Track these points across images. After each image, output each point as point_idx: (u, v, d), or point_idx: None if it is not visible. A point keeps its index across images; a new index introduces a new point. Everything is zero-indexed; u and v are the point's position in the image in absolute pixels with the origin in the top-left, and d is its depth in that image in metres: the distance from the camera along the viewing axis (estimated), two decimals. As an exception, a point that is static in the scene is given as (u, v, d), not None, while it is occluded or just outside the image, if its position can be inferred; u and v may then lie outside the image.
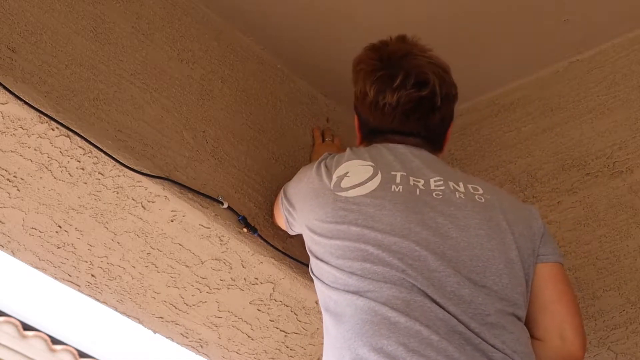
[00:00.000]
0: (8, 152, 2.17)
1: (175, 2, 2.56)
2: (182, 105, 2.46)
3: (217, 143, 2.50)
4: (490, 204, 2.05)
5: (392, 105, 2.14)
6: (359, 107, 2.24)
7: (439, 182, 2.07)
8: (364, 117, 2.23)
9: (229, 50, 2.65)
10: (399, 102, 2.14)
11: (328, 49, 2.76)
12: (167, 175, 2.32)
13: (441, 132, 2.22)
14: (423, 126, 2.17)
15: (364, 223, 1.98)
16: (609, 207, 2.53)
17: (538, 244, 2.04)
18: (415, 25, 2.64)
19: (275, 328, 2.64)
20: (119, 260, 2.43)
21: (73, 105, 2.21)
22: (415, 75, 2.14)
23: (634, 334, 2.39)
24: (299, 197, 2.20)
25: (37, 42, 2.20)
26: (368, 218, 1.98)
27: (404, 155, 2.13)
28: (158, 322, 2.61)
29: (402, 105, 2.14)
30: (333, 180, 2.09)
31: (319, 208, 2.07)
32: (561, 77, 2.75)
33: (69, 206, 2.29)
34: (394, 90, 2.13)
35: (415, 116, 2.16)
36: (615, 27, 2.65)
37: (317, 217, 2.07)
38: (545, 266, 2.03)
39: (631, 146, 2.56)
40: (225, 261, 2.45)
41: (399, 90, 2.13)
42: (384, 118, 2.17)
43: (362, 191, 2.05)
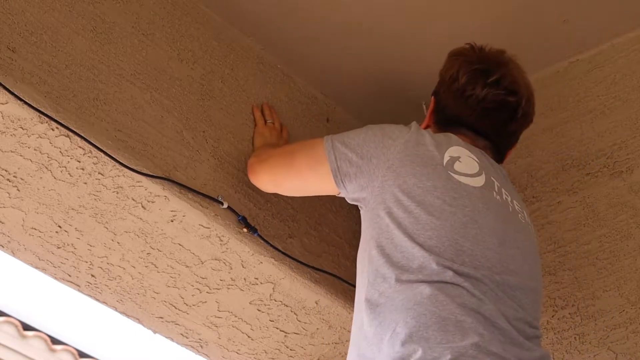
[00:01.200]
0: (8, 152, 2.17)
1: (175, 2, 2.56)
2: (182, 105, 2.46)
3: (217, 143, 2.50)
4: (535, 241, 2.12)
5: (479, 98, 2.16)
6: (442, 91, 2.24)
7: (519, 207, 2.11)
8: (443, 102, 2.23)
9: (229, 50, 2.65)
10: (485, 98, 2.16)
11: (328, 49, 2.76)
12: (167, 175, 2.32)
13: (508, 144, 2.25)
14: (496, 131, 2.20)
15: (471, 214, 1.96)
16: (609, 207, 2.53)
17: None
18: (415, 26, 2.64)
19: (275, 328, 2.63)
20: (119, 260, 2.43)
21: (73, 105, 2.21)
22: (510, 82, 2.18)
23: (634, 334, 2.39)
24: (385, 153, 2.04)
25: (37, 42, 2.20)
26: (476, 211, 1.97)
27: (494, 165, 2.15)
28: (158, 322, 2.61)
29: (487, 102, 2.16)
30: (445, 157, 2.04)
31: (426, 177, 1.98)
32: (561, 77, 2.75)
33: (69, 206, 2.29)
34: (485, 85, 2.16)
35: (494, 117, 2.18)
36: (615, 27, 2.65)
37: (422, 185, 1.97)
38: None
39: (631, 146, 2.56)
40: (225, 261, 2.45)
41: (490, 87, 2.16)
42: (465, 109, 2.18)
43: (473, 182, 2.02)
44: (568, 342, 2.46)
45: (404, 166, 2.01)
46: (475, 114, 2.18)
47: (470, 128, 2.19)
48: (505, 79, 2.18)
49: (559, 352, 2.46)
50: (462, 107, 2.18)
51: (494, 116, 2.18)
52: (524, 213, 2.12)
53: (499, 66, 2.20)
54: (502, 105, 2.17)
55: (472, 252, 1.91)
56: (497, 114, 2.18)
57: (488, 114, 2.17)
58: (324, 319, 2.61)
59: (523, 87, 2.22)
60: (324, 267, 2.56)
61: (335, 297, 2.56)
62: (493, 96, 2.16)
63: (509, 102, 2.17)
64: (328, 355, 2.73)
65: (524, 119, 2.23)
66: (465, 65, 2.20)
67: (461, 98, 2.18)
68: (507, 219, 2.03)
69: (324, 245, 2.61)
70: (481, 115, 2.17)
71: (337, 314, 2.59)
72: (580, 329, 2.45)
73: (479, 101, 2.16)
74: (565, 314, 2.49)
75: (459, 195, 1.97)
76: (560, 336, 2.47)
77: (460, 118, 2.19)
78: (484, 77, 2.17)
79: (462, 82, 2.18)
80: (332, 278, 2.57)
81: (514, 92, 2.18)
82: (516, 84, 2.20)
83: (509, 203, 2.07)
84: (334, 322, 2.62)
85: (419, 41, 2.69)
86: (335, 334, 2.65)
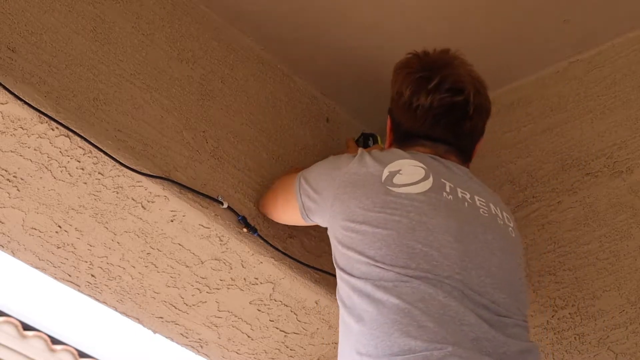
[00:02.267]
0: (8, 152, 2.17)
1: (175, 2, 2.56)
2: (182, 105, 2.46)
3: (217, 143, 2.50)
4: (517, 238, 2.10)
5: (425, 107, 2.14)
6: (393, 108, 2.24)
7: (482, 201, 2.08)
8: (397, 119, 2.23)
9: (229, 50, 2.65)
10: (431, 105, 2.14)
11: (328, 49, 2.76)
12: (167, 175, 2.32)
13: (470, 143, 2.23)
14: (453, 133, 2.17)
15: (417, 218, 1.95)
16: (609, 207, 2.53)
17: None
18: (415, 26, 2.64)
19: (275, 328, 2.63)
20: (118, 260, 2.43)
21: (73, 105, 2.21)
22: (452, 82, 2.16)
23: (634, 334, 2.39)
24: (332, 184, 2.11)
25: (37, 42, 2.20)
26: (422, 214, 1.96)
27: (450, 167, 2.13)
28: (158, 322, 2.61)
29: (435, 109, 2.14)
30: (385, 173, 2.04)
31: (365, 197, 2.01)
32: (561, 77, 2.75)
33: (69, 206, 2.29)
34: (428, 93, 2.14)
35: (446, 121, 2.16)
36: (615, 27, 2.65)
37: (362, 206, 2.00)
38: None
39: (631, 146, 2.56)
40: (225, 261, 2.45)
41: (433, 94, 2.14)
42: (416, 120, 2.17)
43: (415, 189, 2.01)
44: (568, 342, 2.46)
45: (346, 192, 2.06)
46: (427, 124, 2.16)
47: (426, 138, 2.18)
48: (447, 80, 2.15)
49: (559, 352, 2.46)
50: (413, 120, 2.17)
51: (446, 120, 2.16)
52: (489, 207, 2.08)
53: (440, 69, 2.17)
54: (450, 107, 2.15)
55: (425, 253, 1.91)
56: (448, 117, 2.16)
57: (439, 120, 2.16)
58: (324, 319, 2.61)
59: (468, 82, 2.18)
60: (324, 267, 2.56)
61: (335, 297, 2.56)
62: (439, 101, 2.14)
63: (456, 102, 2.15)
64: (328, 355, 2.73)
65: (478, 113, 2.19)
66: (408, 77, 2.19)
67: (410, 111, 2.17)
68: (462, 215, 2.00)
69: (324, 245, 2.61)
70: (433, 123, 2.16)
71: (337, 314, 2.59)
72: (580, 329, 2.45)
73: (427, 110, 2.15)
74: (565, 314, 2.49)
75: (400, 204, 1.98)
76: (560, 336, 2.47)
77: (414, 131, 2.18)
78: (425, 84, 2.15)
79: (407, 95, 2.17)
80: (332, 278, 2.56)
81: (459, 90, 2.15)
82: (460, 81, 2.17)
83: (465, 200, 2.04)
84: (334, 322, 2.62)
85: (418, 41, 2.68)
86: (335, 334, 2.65)
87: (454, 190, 2.05)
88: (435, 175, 2.06)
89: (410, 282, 1.87)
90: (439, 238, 1.93)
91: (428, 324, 1.81)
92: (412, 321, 1.82)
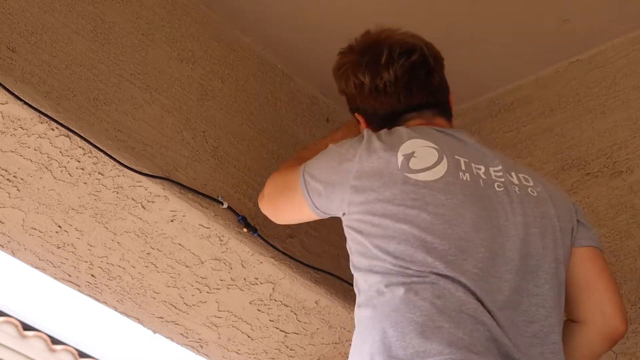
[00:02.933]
0: (8, 152, 2.17)
1: (175, 2, 2.56)
2: (182, 105, 2.46)
3: (217, 143, 2.50)
4: (542, 197, 2.00)
5: (392, 82, 2.10)
6: (359, 102, 2.18)
7: (499, 172, 2.01)
8: (370, 109, 2.16)
9: (229, 50, 2.65)
10: (396, 77, 2.10)
11: (328, 49, 2.75)
12: (167, 175, 2.32)
13: (445, 97, 2.18)
14: (428, 93, 2.13)
15: (435, 210, 1.90)
16: (609, 207, 2.53)
17: (575, 232, 2.02)
18: (416, 26, 2.63)
19: (275, 328, 2.63)
20: (118, 260, 2.43)
21: (73, 105, 2.21)
22: (399, 46, 2.12)
23: (634, 334, 2.39)
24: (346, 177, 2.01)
25: (37, 42, 2.20)
26: (440, 205, 1.90)
27: (457, 137, 2.07)
28: (158, 322, 2.61)
29: (401, 79, 2.10)
30: (399, 159, 1.97)
31: (384, 187, 1.94)
32: (561, 77, 2.75)
33: (69, 206, 2.29)
34: (386, 67, 2.10)
35: (417, 85, 2.11)
36: (615, 27, 2.65)
37: (381, 198, 1.93)
38: (584, 249, 2.02)
39: (631, 146, 2.56)
40: (225, 261, 2.45)
41: (391, 65, 2.10)
42: (390, 99, 2.12)
43: (432, 176, 1.95)
44: (568, 342, 2.46)
45: (363, 184, 1.98)
46: (402, 96, 2.11)
47: (410, 110, 2.12)
48: (395, 46, 2.12)
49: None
50: (388, 100, 2.12)
51: (416, 82, 2.11)
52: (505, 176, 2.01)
53: (379, 44, 2.14)
54: (412, 68, 2.11)
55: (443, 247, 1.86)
56: (416, 79, 2.11)
57: (410, 85, 2.11)
58: (324, 319, 2.61)
59: (413, 38, 2.15)
60: (324, 267, 2.56)
61: (335, 297, 2.56)
62: (400, 70, 2.10)
63: (415, 61, 2.11)
64: (328, 355, 2.73)
65: (437, 63, 2.15)
66: (357, 67, 2.14)
67: (379, 93, 2.12)
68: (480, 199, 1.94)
69: (324, 245, 2.61)
70: (407, 93, 2.11)
71: (337, 314, 2.59)
72: (580, 329, 2.45)
73: (394, 83, 2.10)
74: (566, 314, 2.49)
75: (419, 195, 1.92)
76: (560, 336, 2.47)
77: (396, 109, 2.13)
78: (379, 61, 2.11)
79: (368, 81, 2.12)
80: (332, 278, 2.57)
81: (410, 50, 2.12)
82: (406, 42, 2.13)
83: (480, 176, 1.98)
84: (334, 322, 2.62)
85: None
86: (335, 334, 2.65)
87: (469, 166, 1.98)
88: (448, 153, 1.99)
89: (429, 277, 1.84)
90: (457, 231, 1.88)
91: (444, 324, 1.78)
92: (428, 321, 1.78)
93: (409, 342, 1.76)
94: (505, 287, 1.87)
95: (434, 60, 2.14)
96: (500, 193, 1.97)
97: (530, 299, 1.88)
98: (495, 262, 1.88)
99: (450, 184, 1.94)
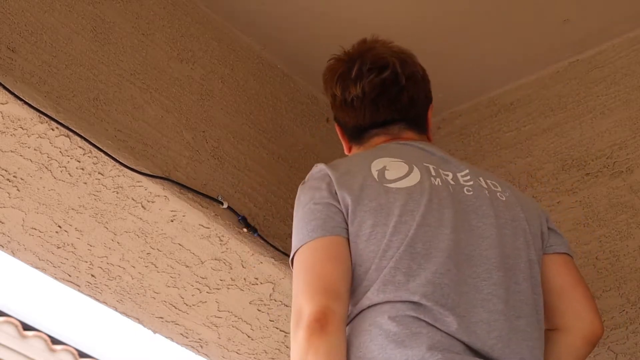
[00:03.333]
0: (8, 152, 2.17)
1: (175, 2, 2.56)
2: (182, 105, 2.46)
3: (217, 143, 2.50)
4: (510, 202, 2.00)
5: (359, 97, 2.09)
6: (335, 112, 2.18)
7: (466, 176, 2.01)
8: (342, 120, 2.17)
9: (229, 50, 2.65)
10: (364, 92, 2.08)
11: (328, 49, 2.75)
12: (167, 175, 2.32)
13: (418, 112, 2.14)
14: (394, 110, 2.10)
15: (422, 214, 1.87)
16: (609, 207, 2.53)
17: (546, 239, 2.02)
18: (416, 26, 2.64)
19: (275, 328, 2.64)
20: (119, 260, 2.43)
21: (73, 105, 2.21)
22: (371, 62, 2.10)
23: (634, 334, 2.39)
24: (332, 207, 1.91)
25: (37, 42, 2.20)
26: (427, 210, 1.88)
27: (421, 147, 2.07)
28: (158, 322, 2.61)
29: (368, 94, 2.08)
30: (374, 173, 1.94)
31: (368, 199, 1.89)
32: (561, 77, 2.75)
33: (69, 206, 2.29)
34: (354, 82, 2.09)
35: (384, 101, 2.09)
36: (615, 27, 2.65)
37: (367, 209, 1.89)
38: (557, 256, 2.01)
39: (631, 146, 2.56)
40: (225, 261, 2.45)
41: (360, 80, 2.09)
42: (357, 113, 2.11)
43: (409, 183, 1.93)
44: (568, 342, 2.46)
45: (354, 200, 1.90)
46: (368, 112, 2.10)
47: (375, 126, 2.11)
48: (366, 61, 2.10)
49: (559, 352, 2.46)
50: (355, 114, 2.11)
51: (384, 99, 2.09)
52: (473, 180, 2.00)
53: (357, 57, 2.12)
54: (381, 85, 2.09)
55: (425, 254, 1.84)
56: (384, 95, 2.09)
57: (377, 101, 2.09)
58: (324, 319, 2.61)
59: (389, 55, 2.12)
60: (324, 267, 2.56)
61: (335, 297, 2.56)
62: (369, 84, 2.08)
63: (385, 78, 2.08)
64: (328, 355, 2.73)
65: (412, 80, 2.12)
66: (333, 77, 2.14)
67: (348, 107, 2.11)
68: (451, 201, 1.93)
69: (324, 245, 2.61)
70: (374, 108, 2.09)
71: (337, 314, 2.59)
72: (580, 329, 2.45)
73: (362, 98, 2.09)
74: (565, 314, 2.49)
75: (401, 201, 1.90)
76: (560, 336, 2.47)
77: (361, 124, 2.12)
78: (350, 74, 2.10)
79: (339, 94, 2.11)
80: (332, 278, 2.57)
81: (382, 67, 2.09)
82: (380, 58, 2.11)
83: (448, 182, 1.97)
84: (334, 322, 2.62)
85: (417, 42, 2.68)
86: (335, 334, 2.65)
87: (438, 172, 1.99)
88: (416, 162, 1.99)
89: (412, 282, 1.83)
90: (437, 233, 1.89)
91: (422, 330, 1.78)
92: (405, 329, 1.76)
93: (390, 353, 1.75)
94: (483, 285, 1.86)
95: (406, 78, 2.11)
96: (470, 196, 1.97)
97: (514, 295, 1.88)
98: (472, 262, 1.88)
99: (427, 188, 1.93)
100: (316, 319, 1.78)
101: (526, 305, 1.88)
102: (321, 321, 1.78)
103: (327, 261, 1.86)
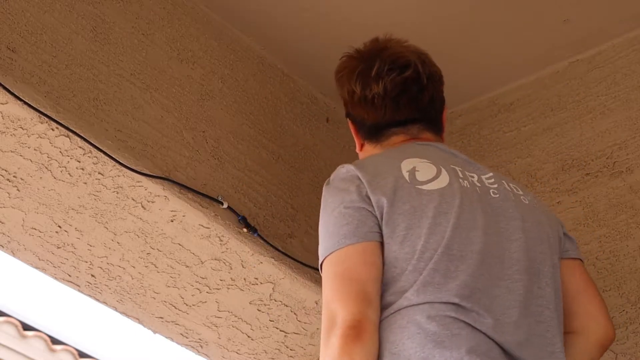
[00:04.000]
0: (8, 152, 2.17)
1: (175, 2, 2.56)
2: (182, 105, 2.46)
3: (217, 143, 2.50)
4: (533, 205, 2.01)
5: (380, 94, 2.09)
6: (350, 109, 2.17)
7: (491, 179, 2.02)
8: (358, 117, 2.16)
9: (229, 50, 2.65)
10: (385, 90, 2.08)
11: (328, 49, 2.76)
12: (167, 175, 2.32)
13: (435, 114, 2.15)
14: (415, 109, 2.10)
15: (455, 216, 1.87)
16: (609, 207, 2.53)
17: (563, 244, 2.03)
18: (416, 25, 2.64)
19: (275, 328, 2.64)
20: (118, 260, 2.43)
21: (73, 105, 2.21)
22: (392, 61, 2.10)
23: (634, 334, 2.39)
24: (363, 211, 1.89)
25: (37, 42, 2.20)
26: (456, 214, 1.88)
27: (444, 149, 2.07)
28: (158, 322, 2.61)
29: (390, 92, 2.08)
30: (405, 174, 1.93)
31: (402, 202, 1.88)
32: (561, 77, 2.75)
33: (69, 206, 2.29)
34: (376, 80, 2.09)
35: (405, 100, 2.09)
36: (615, 27, 2.65)
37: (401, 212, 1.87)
38: (572, 261, 2.03)
39: (631, 146, 2.56)
40: (225, 261, 2.45)
41: (381, 79, 2.08)
42: (377, 111, 2.10)
43: (439, 184, 1.92)
44: (568, 342, 2.46)
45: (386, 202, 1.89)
46: (388, 110, 2.09)
47: (395, 124, 2.11)
48: (388, 59, 2.10)
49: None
50: (374, 112, 2.11)
51: (406, 98, 2.09)
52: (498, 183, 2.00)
53: (376, 54, 2.12)
54: (403, 84, 2.09)
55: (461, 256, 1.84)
56: (405, 95, 2.09)
57: (399, 100, 2.09)
58: (324, 319, 2.61)
59: (409, 54, 2.12)
60: (324, 267, 2.56)
61: (335, 297, 2.56)
62: (390, 83, 2.08)
63: (407, 77, 2.09)
64: (328, 355, 2.73)
65: (432, 81, 2.12)
66: (352, 74, 2.13)
67: (368, 104, 2.10)
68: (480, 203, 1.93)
69: (324, 245, 2.61)
70: (394, 107, 2.09)
71: (337, 314, 2.59)
72: (580, 329, 2.45)
73: (383, 97, 2.08)
74: (565, 314, 2.49)
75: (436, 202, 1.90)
76: (560, 336, 2.47)
77: (380, 122, 2.11)
78: (369, 73, 2.09)
79: (359, 90, 2.10)
80: (332, 278, 2.57)
81: (404, 65, 2.10)
82: (401, 56, 2.11)
83: (475, 184, 1.97)
84: (334, 322, 2.62)
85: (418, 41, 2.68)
86: (335, 334, 2.65)
87: (464, 174, 1.99)
88: (443, 163, 1.99)
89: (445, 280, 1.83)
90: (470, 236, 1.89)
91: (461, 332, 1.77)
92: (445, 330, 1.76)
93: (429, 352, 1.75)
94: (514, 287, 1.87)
95: (427, 77, 2.11)
96: (496, 199, 1.98)
97: (536, 300, 1.89)
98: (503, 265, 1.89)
99: (457, 190, 1.93)
100: (351, 325, 1.79)
101: (547, 309, 1.89)
102: (357, 328, 1.79)
103: (360, 267, 1.85)
